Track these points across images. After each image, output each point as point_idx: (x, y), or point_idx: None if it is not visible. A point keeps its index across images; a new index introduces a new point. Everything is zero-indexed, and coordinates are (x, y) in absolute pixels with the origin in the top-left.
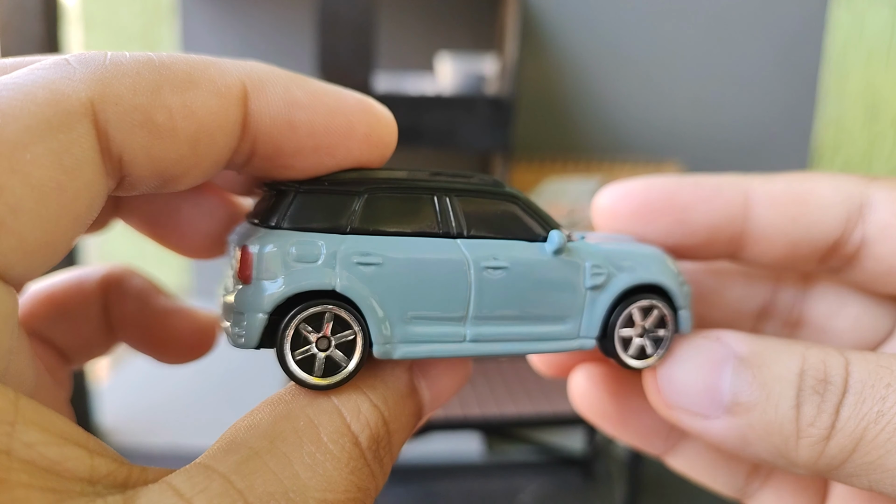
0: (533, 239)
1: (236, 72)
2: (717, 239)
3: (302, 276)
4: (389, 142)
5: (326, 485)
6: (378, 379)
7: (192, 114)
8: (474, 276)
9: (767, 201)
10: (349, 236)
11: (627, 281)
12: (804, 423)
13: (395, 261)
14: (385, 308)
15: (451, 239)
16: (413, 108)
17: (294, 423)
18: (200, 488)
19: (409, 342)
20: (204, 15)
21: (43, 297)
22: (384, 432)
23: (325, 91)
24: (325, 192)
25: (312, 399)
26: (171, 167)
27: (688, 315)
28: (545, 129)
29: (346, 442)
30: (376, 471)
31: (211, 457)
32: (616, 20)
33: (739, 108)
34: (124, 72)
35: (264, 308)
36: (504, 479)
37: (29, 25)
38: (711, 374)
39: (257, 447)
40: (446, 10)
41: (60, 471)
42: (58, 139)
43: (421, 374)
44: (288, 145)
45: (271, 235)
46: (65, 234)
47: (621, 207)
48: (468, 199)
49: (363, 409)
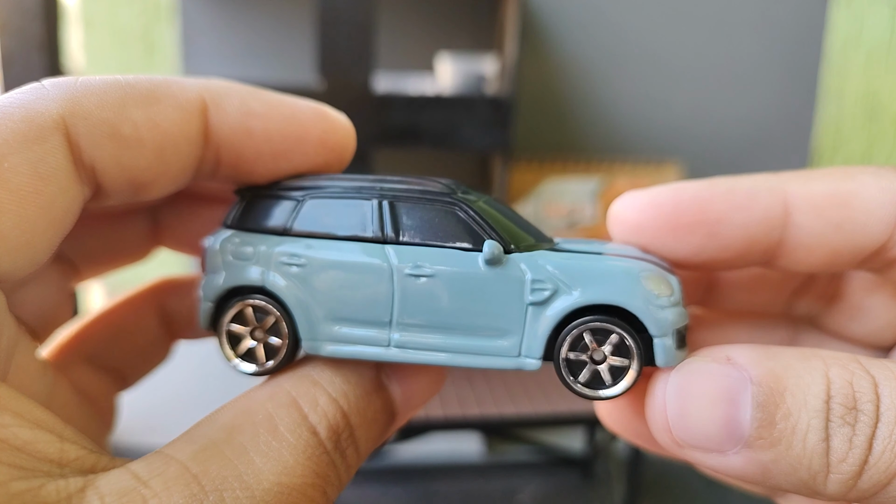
0: (472, 248)
1: (195, 87)
2: (753, 250)
3: (237, 271)
4: (346, 145)
5: (282, 469)
6: (338, 374)
7: (157, 126)
8: (397, 282)
9: (808, 206)
10: (285, 238)
11: (576, 300)
12: (835, 458)
13: (318, 262)
14: (310, 307)
15: (380, 244)
16: (413, 108)
17: (252, 416)
18: (157, 472)
19: (335, 342)
20: (204, 15)
21: (97, 321)
22: (344, 424)
23: (280, 101)
24: (271, 196)
25: (272, 395)
26: (141, 175)
27: (668, 345)
28: (545, 130)
29: (302, 431)
30: (337, 460)
31: (170, 446)
32: (616, 20)
33: (739, 109)
34: (92, 90)
35: (210, 297)
36: (503, 479)
37: (29, 26)
38: (728, 407)
39: (215, 438)
40: (446, 10)
41: (31, 451)
42: (33, 150)
43: (391, 372)
44: (247, 152)
45: (220, 234)
46: (43, 235)
47: (646, 220)
48: (407, 205)
49: (321, 401)
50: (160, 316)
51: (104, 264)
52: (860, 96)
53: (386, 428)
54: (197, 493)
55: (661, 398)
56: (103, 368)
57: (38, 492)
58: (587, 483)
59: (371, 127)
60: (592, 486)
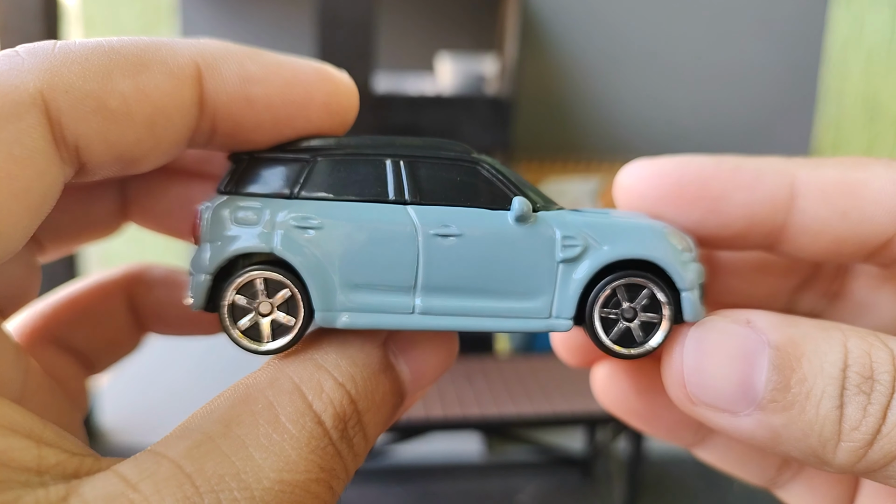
0: (497, 207)
1: (188, 51)
2: (755, 231)
3: (242, 238)
4: (350, 107)
5: (283, 465)
6: (344, 356)
7: (147, 97)
8: (423, 244)
9: (815, 192)
10: (294, 201)
11: (609, 254)
12: (847, 426)
13: (336, 224)
14: (326, 273)
15: (401, 205)
16: (413, 107)
17: (252, 405)
18: (147, 473)
19: (353, 311)
20: (204, 15)
21: (65, 303)
22: (352, 411)
23: (280, 63)
24: (275, 160)
25: (273, 381)
26: (130, 150)
27: (694, 299)
28: (545, 129)
29: (306, 421)
30: (344, 451)
31: (162, 443)
32: (616, 21)
33: (739, 108)
34: (73, 59)
35: (207, 269)
36: (503, 479)
37: (29, 26)
38: (744, 367)
39: (211, 431)
40: (446, 11)
41: (5, 461)
42: (7, 130)
43: (398, 349)
44: (247, 121)
45: (218, 199)
46: (18, 223)
47: (649, 189)
48: (424, 165)
49: (326, 387)
50: (129, 305)
51: (71, 239)
52: (860, 97)
53: (395, 410)
54: (191, 496)
55: (679, 353)
56: (70, 351)
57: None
58: (587, 483)
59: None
60: (592, 486)
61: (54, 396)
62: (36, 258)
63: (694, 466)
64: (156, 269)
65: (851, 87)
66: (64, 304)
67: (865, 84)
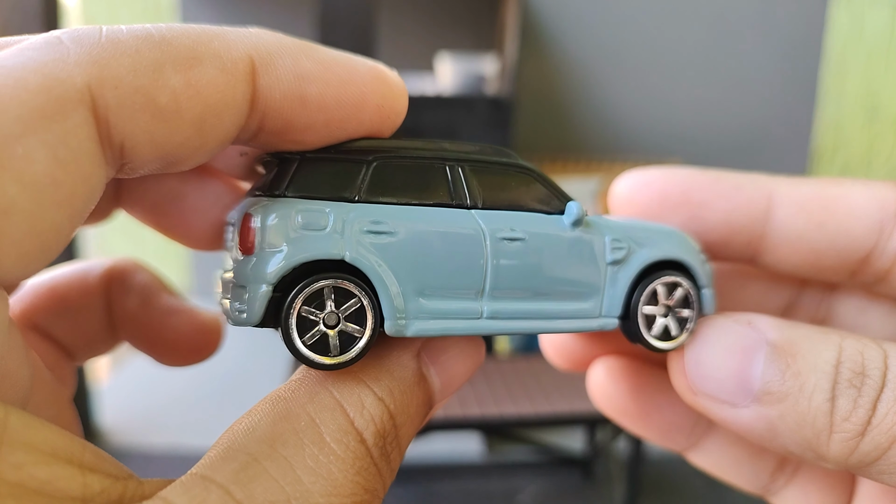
0: (550, 212)
1: (243, 45)
2: (735, 240)
3: (309, 244)
4: (401, 111)
5: (331, 489)
6: (382, 369)
7: (198, 93)
8: (490, 248)
9: (792, 204)
10: (358, 205)
11: (649, 255)
12: (839, 417)
13: (409, 230)
14: (397, 280)
15: (465, 210)
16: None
17: (294, 423)
18: (198, 502)
19: (422, 318)
20: (204, 15)
21: (45, 291)
22: (391, 426)
23: (335, 60)
24: (332, 160)
25: (312, 395)
26: (176, 150)
27: (711, 294)
28: (545, 129)
29: (350, 440)
30: (383, 468)
31: (208, 466)
32: (615, 21)
33: (739, 109)
34: (123, 50)
35: (268, 279)
36: (504, 479)
37: (29, 26)
38: (742, 360)
39: (256, 452)
40: (446, 11)
41: (51, 491)
42: (52, 130)
43: (430, 360)
44: (299, 120)
45: (274, 203)
46: (60, 232)
47: (638, 196)
48: (481, 170)
49: (367, 403)
50: (106, 302)
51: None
52: (860, 96)
53: (424, 420)
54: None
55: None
56: (49, 338)
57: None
58: (587, 483)
59: None
60: (592, 486)
61: (52, 385)
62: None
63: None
64: (139, 274)
65: (851, 87)
66: (45, 290)
67: (865, 84)
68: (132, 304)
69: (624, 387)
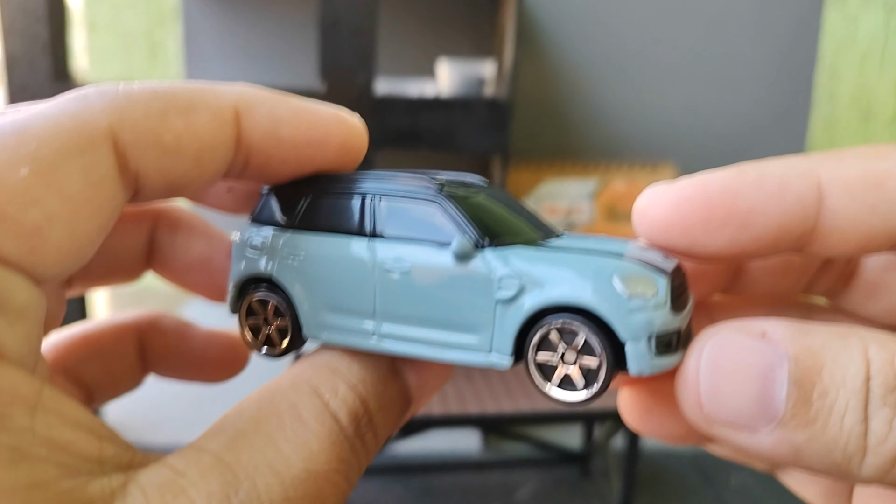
0: (447, 243)
1: (229, 96)
2: (786, 239)
3: (250, 263)
4: (360, 147)
5: (308, 455)
6: (356, 362)
7: (195, 134)
8: (378, 276)
9: (842, 190)
10: (291, 232)
11: (537, 299)
12: (873, 441)
13: (311, 255)
14: (307, 296)
15: (367, 238)
16: (412, 110)
17: (277, 406)
18: (192, 463)
19: (329, 330)
20: (207, 18)
21: (78, 338)
22: (363, 411)
23: (304, 108)
24: (284, 194)
25: (294, 385)
26: (179, 179)
27: (640, 350)
28: (543, 132)
29: (325, 419)
30: (357, 446)
31: (201, 439)
32: (612, 24)
33: (734, 111)
34: (136, 101)
35: (235, 284)
36: (502, 475)
37: (34, 28)
38: (763, 384)
39: (244, 428)
40: (446, 16)
41: (73, 450)
42: (84, 159)
43: (403, 360)
44: (275, 157)
45: (245, 228)
46: (90, 240)
47: (675, 217)
48: (394, 201)
49: (340, 389)
50: (139, 348)
51: (97, 279)
52: (854, 98)
53: (402, 413)
54: (231, 481)
55: (694, 372)
56: (75, 383)
57: (84, 489)
58: (584, 479)
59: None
60: (590, 481)
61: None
62: (64, 291)
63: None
64: (167, 319)
65: (845, 88)
66: (79, 338)
67: (859, 85)
68: (170, 342)
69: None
